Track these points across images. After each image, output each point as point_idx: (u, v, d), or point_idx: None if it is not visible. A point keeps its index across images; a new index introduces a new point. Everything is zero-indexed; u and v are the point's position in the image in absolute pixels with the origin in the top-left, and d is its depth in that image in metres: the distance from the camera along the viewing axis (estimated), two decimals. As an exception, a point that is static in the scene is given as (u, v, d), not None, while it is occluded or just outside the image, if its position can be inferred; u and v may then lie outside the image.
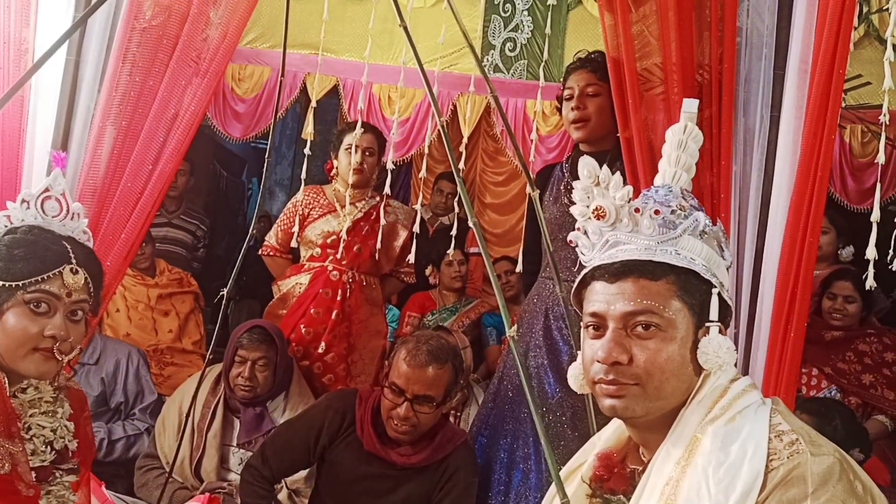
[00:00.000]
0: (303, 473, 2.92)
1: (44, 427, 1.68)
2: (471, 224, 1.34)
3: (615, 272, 1.30)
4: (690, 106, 1.52)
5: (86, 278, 1.62)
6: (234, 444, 3.03)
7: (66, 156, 1.94)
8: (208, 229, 4.96)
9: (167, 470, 2.92)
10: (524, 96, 4.83)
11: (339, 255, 3.27)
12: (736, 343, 2.04)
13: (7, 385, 1.60)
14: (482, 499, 2.55)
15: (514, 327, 1.22)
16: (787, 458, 1.15)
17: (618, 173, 1.33)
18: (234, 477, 2.91)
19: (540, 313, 2.63)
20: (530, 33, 4.90)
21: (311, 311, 3.37)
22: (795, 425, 1.21)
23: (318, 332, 3.36)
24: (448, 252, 4.39)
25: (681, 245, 1.30)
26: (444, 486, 2.44)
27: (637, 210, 1.32)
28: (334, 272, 3.40)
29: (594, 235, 1.36)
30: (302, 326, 3.36)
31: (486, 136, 5.43)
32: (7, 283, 1.56)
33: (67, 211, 1.67)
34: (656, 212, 1.31)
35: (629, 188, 1.32)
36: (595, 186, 1.35)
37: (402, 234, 3.55)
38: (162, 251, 4.53)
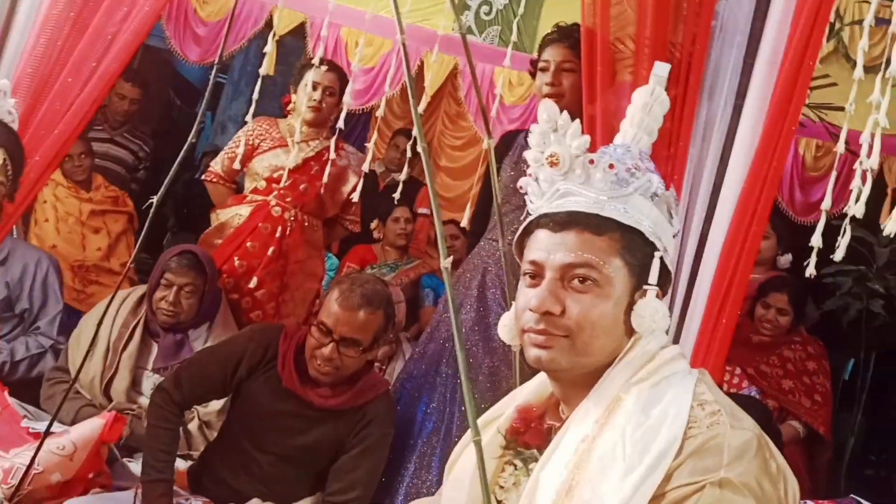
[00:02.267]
0: (216, 406, 2.85)
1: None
2: (419, 149, 1.28)
3: (560, 222, 1.26)
4: (661, 70, 1.48)
5: (4, 159, 1.53)
6: (149, 368, 2.94)
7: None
8: (151, 151, 4.79)
9: (77, 386, 2.82)
10: (493, 62, 4.76)
11: (281, 185, 3.17)
12: (670, 315, 2.03)
13: None
14: (399, 449, 2.53)
15: (450, 258, 1.18)
16: (707, 427, 1.13)
17: (577, 120, 1.28)
18: (145, 401, 2.83)
19: (478, 273, 2.63)
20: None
21: (248, 244, 3.28)
22: (719, 397, 1.20)
23: (251, 266, 3.27)
24: (396, 208, 4.35)
25: (631, 203, 1.27)
26: (358, 433, 2.39)
27: (591, 162, 1.28)
28: (276, 207, 3.31)
29: (545, 183, 1.32)
30: (236, 258, 3.27)
31: (451, 98, 5.35)
32: (-83, 154, 1.45)
33: (-7, 88, 1.57)
34: (610, 166, 1.27)
35: (587, 138, 1.28)
36: (553, 132, 1.30)
37: (352, 180, 3.47)
38: (101, 167, 4.36)
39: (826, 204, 1.74)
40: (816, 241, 1.72)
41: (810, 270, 1.76)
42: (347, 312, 2.29)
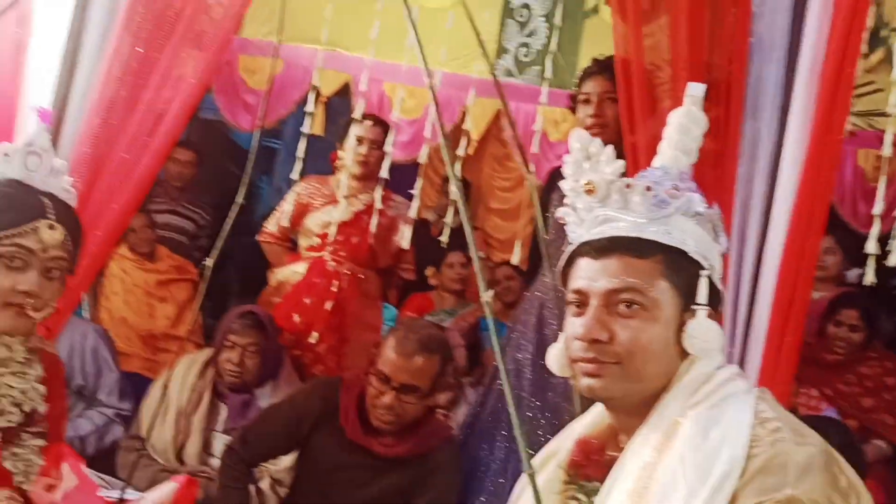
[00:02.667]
0: (286, 462, 2.87)
1: (13, 388, 1.63)
2: (453, 184, 1.29)
3: (601, 248, 1.26)
4: (696, 90, 1.47)
5: (64, 235, 1.59)
6: (220, 429, 2.98)
7: (51, 112, 1.91)
8: (211, 219, 4.93)
9: (150, 452, 2.89)
10: (535, 102, 4.78)
11: (331, 239, 3.23)
12: (733, 339, 1.99)
13: (-25, 341, 1.57)
14: (469, 490, 2.51)
15: (490, 292, 1.18)
16: (769, 445, 1.10)
17: (610, 146, 1.29)
18: (217, 462, 2.87)
19: (535, 309, 2.62)
20: (546, 39, 4.86)
21: (306, 300, 3.34)
22: (781, 414, 1.16)
23: (311, 321, 3.32)
24: (449, 254, 4.37)
25: (672, 224, 1.26)
26: (425, 482, 2.38)
27: (628, 186, 1.27)
28: (331, 262, 3.37)
29: (584, 211, 1.32)
30: (295, 315, 3.33)
31: (496, 140, 5.38)
32: (-19, 236, 1.52)
33: (50, 167, 1.64)
34: (648, 188, 1.26)
35: (621, 162, 1.28)
36: (586, 160, 1.30)
37: (403, 230, 3.51)
38: (164, 238, 4.51)
39: (877, 209, 1.70)
40: (871, 247, 1.67)
41: (869, 278, 1.71)
42: (404, 359, 2.30)
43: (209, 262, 1.81)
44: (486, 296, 1.16)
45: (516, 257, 2.55)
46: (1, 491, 1.60)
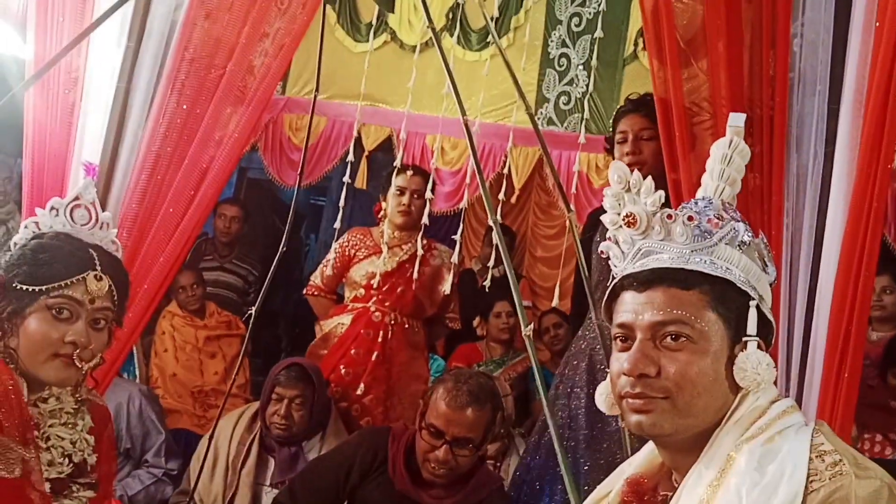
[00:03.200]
0: (335, 517, 2.84)
1: (63, 438, 1.65)
2: (491, 222, 1.28)
3: (644, 280, 1.23)
4: (737, 120, 1.46)
5: (110, 286, 1.61)
6: (268, 483, 2.96)
7: (97, 166, 1.97)
8: (261, 275, 4.99)
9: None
10: (576, 149, 4.79)
11: (375, 288, 3.23)
12: (788, 382, 1.93)
13: (26, 392, 1.58)
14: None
15: (531, 325, 1.16)
16: (829, 479, 1.04)
17: (649, 178, 1.27)
18: (266, 517, 2.85)
19: (585, 354, 2.56)
20: (585, 87, 4.89)
21: (352, 351, 3.33)
22: (840, 447, 1.10)
23: (357, 373, 3.31)
24: (496, 303, 4.34)
25: (717, 254, 1.23)
26: (476, 532, 2.33)
27: (670, 217, 1.25)
28: (377, 313, 3.36)
29: (625, 245, 1.29)
30: (342, 367, 3.32)
31: (539, 189, 5.41)
32: (30, 288, 1.55)
33: (96, 220, 1.67)
34: (690, 218, 1.24)
35: (660, 193, 1.26)
36: (626, 192, 1.29)
37: (448, 278, 3.50)
38: (213, 295, 4.57)
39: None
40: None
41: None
42: (456, 412, 2.26)
43: (252, 311, 1.81)
44: (527, 330, 1.14)
45: (556, 300, 2.52)
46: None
